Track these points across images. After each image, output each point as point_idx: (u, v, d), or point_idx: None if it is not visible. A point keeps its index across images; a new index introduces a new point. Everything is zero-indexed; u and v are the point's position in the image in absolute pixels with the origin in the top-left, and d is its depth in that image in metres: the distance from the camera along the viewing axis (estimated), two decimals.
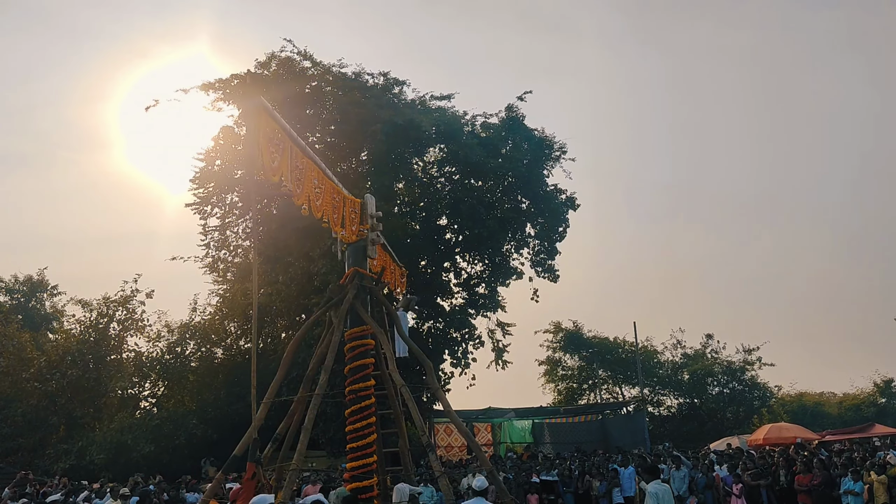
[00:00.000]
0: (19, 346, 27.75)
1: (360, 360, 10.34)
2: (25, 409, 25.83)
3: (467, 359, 28.09)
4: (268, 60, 26.76)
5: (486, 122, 28.54)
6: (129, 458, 24.15)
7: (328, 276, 21.92)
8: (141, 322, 30.11)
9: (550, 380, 41.19)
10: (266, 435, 11.03)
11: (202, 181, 27.17)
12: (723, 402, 37.57)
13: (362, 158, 27.75)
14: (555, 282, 28.77)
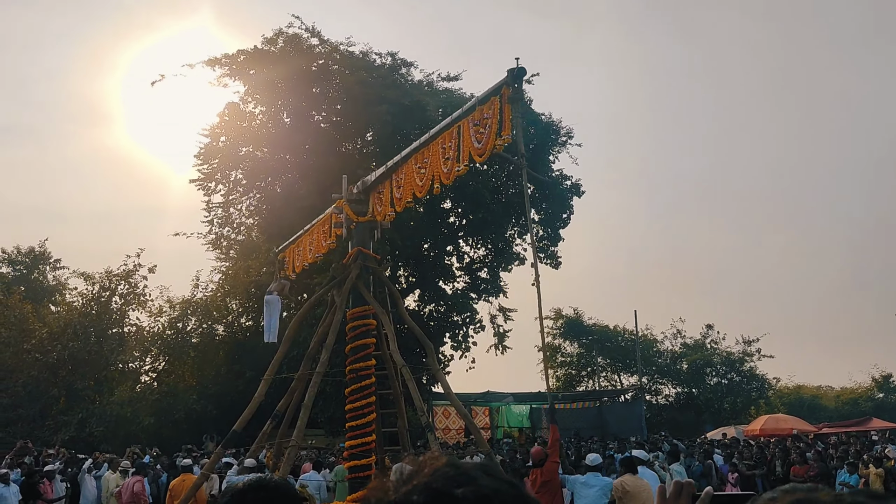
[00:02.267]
0: (21, 317, 27.81)
1: (362, 340, 10.34)
2: (26, 380, 25.95)
3: (468, 342, 28.20)
4: (275, 37, 26.61)
5: None
6: (129, 430, 24.31)
7: (331, 256, 21.91)
8: (143, 297, 30.20)
9: (549, 366, 41.34)
10: (267, 412, 11.09)
11: (207, 157, 27.11)
12: (721, 392, 37.73)
13: (368, 139, 27.67)
14: (557, 268, 28.81)
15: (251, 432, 12.16)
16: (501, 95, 7.48)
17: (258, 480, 1.89)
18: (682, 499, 1.33)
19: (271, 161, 26.99)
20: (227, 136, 27.16)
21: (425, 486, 0.84)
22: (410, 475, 0.87)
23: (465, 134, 8.01)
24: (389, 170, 9.99)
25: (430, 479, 0.85)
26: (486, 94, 7.83)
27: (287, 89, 26.28)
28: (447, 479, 0.84)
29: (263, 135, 27.12)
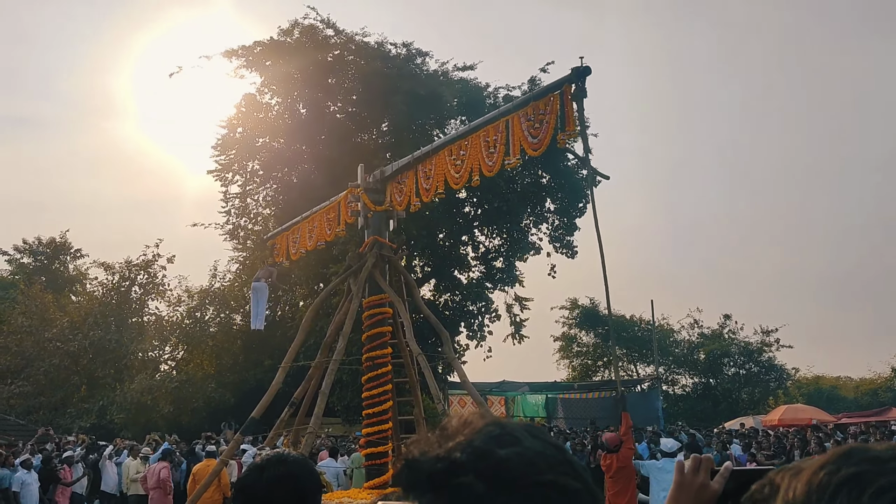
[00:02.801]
0: (42, 306, 28.18)
1: (378, 328, 10.40)
2: (48, 368, 26.31)
3: (483, 332, 28.25)
4: (290, 28, 26.66)
5: (508, 95, 28.32)
6: (149, 418, 24.61)
7: (347, 246, 22.02)
8: (162, 286, 30.52)
9: (565, 356, 41.33)
10: (284, 400, 11.20)
11: (224, 148, 27.30)
12: (738, 382, 37.53)
13: (383, 129, 27.71)
14: (573, 258, 28.73)
15: (269, 420, 12.29)
16: (563, 92, 7.62)
17: (277, 455, 1.93)
18: (700, 473, 1.34)
19: (287, 152, 27.11)
20: (243, 127, 27.33)
21: (468, 444, 0.83)
22: (454, 431, 0.86)
23: (515, 128, 8.10)
24: (416, 160, 10.06)
25: (474, 437, 0.84)
26: (542, 90, 8.05)
27: (303, 80, 26.36)
28: (491, 439, 0.83)
29: (280, 126, 27.24)
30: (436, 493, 0.81)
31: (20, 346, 26.92)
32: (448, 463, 0.82)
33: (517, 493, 0.79)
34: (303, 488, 1.84)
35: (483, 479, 0.79)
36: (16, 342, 27.06)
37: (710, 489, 1.33)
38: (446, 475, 0.81)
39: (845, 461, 0.72)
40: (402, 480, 0.86)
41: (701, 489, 1.33)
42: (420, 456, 0.86)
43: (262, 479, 1.82)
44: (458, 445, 0.83)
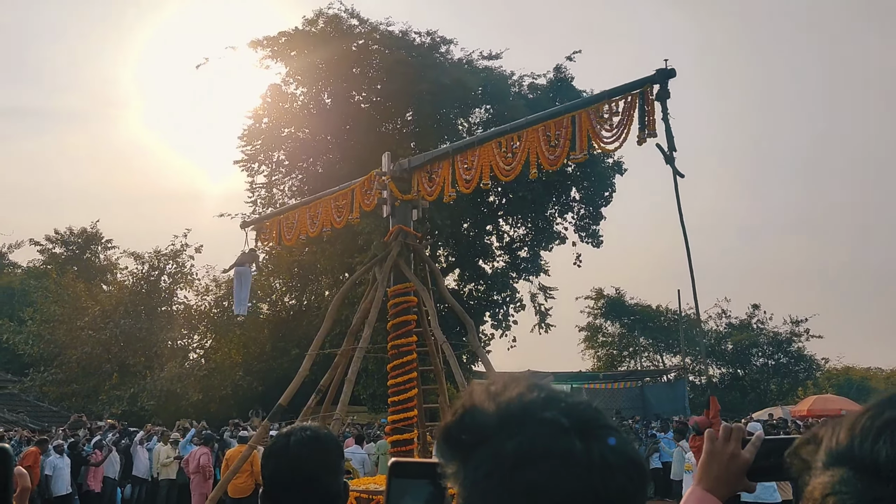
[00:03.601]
0: (74, 295, 28.63)
1: (403, 317, 10.44)
2: (80, 356, 26.74)
3: (508, 321, 28.24)
4: (315, 18, 26.75)
5: (533, 83, 28.20)
6: (178, 405, 24.97)
7: (372, 235, 22.12)
8: (190, 276, 30.85)
9: (590, 346, 41.19)
10: (311, 387, 11.31)
11: (250, 139, 27.50)
12: (767, 373, 37.14)
13: (407, 118, 27.72)
14: (598, 247, 28.57)
15: (295, 407, 12.41)
16: (644, 92, 7.86)
17: (300, 425, 2.04)
18: (731, 443, 1.35)
19: (313, 142, 27.24)
20: (269, 117, 27.49)
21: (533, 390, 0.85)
22: (505, 386, 0.86)
23: (583, 123, 8.29)
24: (455, 149, 10.10)
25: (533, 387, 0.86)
26: (617, 88, 8.15)
27: (327, 70, 26.43)
28: (551, 390, 0.86)
29: (305, 116, 27.37)
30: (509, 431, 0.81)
31: (53, 334, 27.40)
32: (522, 404, 0.83)
33: (594, 432, 0.81)
34: (327, 449, 1.96)
35: (565, 416, 0.81)
36: (49, 330, 27.54)
37: (742, 458, 1.34)
38: (524, 413, 0.82)
39: (888, 405, 0.74)
40: (455, 430, 0.85)
41: (732, 458, 1.34)
42: (478, 404, 0.85)
43: (289, 443, 1.95)
44: (524, 392, 0.84)
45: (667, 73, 7.77)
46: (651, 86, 7.82)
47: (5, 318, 30.68)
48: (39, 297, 29.52)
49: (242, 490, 12.15)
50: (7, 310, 32.67)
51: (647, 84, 7.85)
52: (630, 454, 0.83)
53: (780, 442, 1.38)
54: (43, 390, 26.58)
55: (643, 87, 7.88)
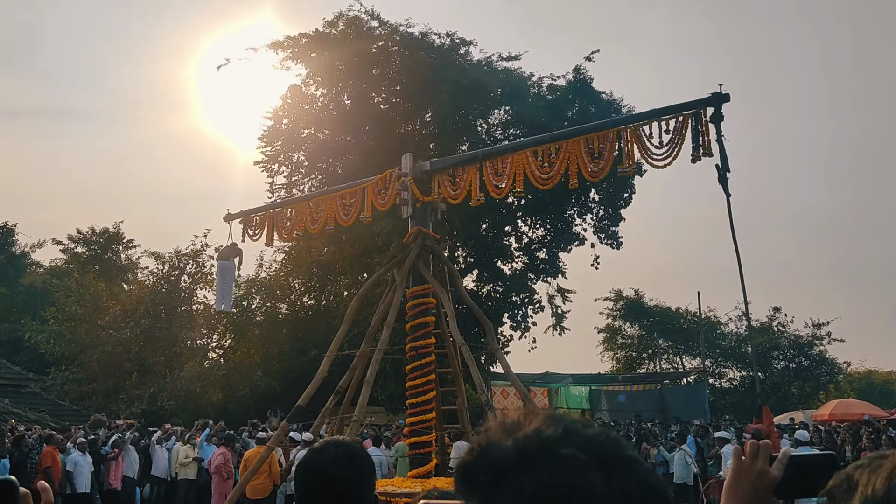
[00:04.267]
0: (96, 294, 28.85)
1: (421, 318, 10.43)
2: (100, 356, 26.95)
3: (526, 322, 28.16)
4: (335, 20, 26.83)
5: (552, 84, 28.10)
6: (198, 405, 25.09)
7: (390, 236, 22.15)
8: (210, 276, 31.01)
9: (609, 348, 40.95)
10: (329, 388, 11.32)
11: (270, 139, 27.62)
12: (788, 376, 36.76)
13: (427, 119, 27.73)
14: (618, 249, 28.42)
15: (314, 408, 12.43)
16: (698, 113, 8.36)
17: (334, 439, 2.05)
18: (759, 459, 1.32)
19: (332, 143, 27.32)
20: (289, 118, 27.61)
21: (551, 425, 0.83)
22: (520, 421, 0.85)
23: (631, 139, 8.77)
24: (485, 154, 10.32)
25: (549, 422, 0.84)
26: (669, 107, 8.64)
27: (347, 71, 26.51)
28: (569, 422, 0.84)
29: (325, 117, 27.46)
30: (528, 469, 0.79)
31: (74, 333, 27.64)
32: (540, 440, 0.81)
33: (614, 465, 0.80)
34: (360, 468, 1.98)
35: (583, 451, 0.79)
36: (70, 330, 27.79)
37: (770, 475, 1.31)
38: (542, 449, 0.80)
39: None
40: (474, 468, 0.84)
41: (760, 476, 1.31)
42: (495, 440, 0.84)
43: (322, 460, 1.95)
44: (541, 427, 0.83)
45: (721, 97, 8.18)
46: (705, 108, 8.32)
47: (27, 317, 31.04)
48: (61, 297, 29.79)
49: (261, 491, 12.19)
50: (29, 309, 33.06)
51: (702, 106, 8.34)
52: (652, 483, 0.81)
53: (807, 459, 1.37)
54: (64, 389, 26.82)
55: (697, 108, 8.38)
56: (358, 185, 11.73)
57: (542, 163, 9.44)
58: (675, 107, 8.60)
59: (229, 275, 13.49)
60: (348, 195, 11.69)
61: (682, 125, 8.44)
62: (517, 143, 10.44)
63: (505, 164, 9.76)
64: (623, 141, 8.83)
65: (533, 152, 9.58)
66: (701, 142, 8.31)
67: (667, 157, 8.56)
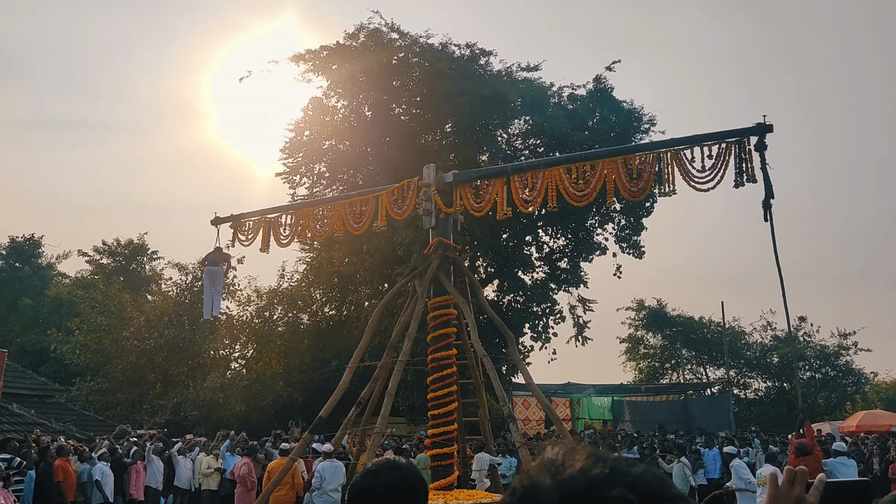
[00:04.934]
0: (120, 305, 29.19)
1: (443, 329, 10.42)
2: (125, 366, 27.23)
3: (548, 333, 28.02)
4: (356, 32, 27.00)
5: (573, 94, 28.06)
6: (221, 415, 25.23)
7: (411, 247, 22.18)
8: (232, 286, 31.26)
9: (632, 358, 40.66)
10: (350, 399, 11.33)
11: (292, 151, 27.82)
12: (814, 387, 36.26)
13: (447, 130, 27.79)
14: (640, 258, 28.21)
15: (336, 419, 12.46)
16: (742, 141, 8.72)
17: (390, 461, 2.01)
18: (796, 486, 1.30)
19: (353, 154, 27.45)
20: (310, 130, 27.79)
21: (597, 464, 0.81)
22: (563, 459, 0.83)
23: (672, 162, 9.15)
24: (514, 169, 10.47)
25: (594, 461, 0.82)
26: (712, 134, 9.01)
27: (368, 83, 26.66)
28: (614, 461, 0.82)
29: (345, 128, 27.61)
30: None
31: (99, 344, 27.95)
32: (586, 481, 0.79)
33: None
34: (415, 493, 1.94)
35: (631, 492, 0.77)
36: (95, 340, 28.11)
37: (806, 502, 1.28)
38: (589, 491, 0.78)
39: None
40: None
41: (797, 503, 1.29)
42: (538, 481, 0.81)
43: (377, 484, 1.91)
44: (587, 466, 0.81)
45: (765, 128, 8.61)
46: (748, 136, 8.72)
47: (53, 328, 31.44)
48: (86, 308, 30.16)
49: (284, 502, 12.19)
50: (55, 320, 33.47)
51: (746, 135, 8.75)
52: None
53: (842, 485, 1.34)
54: (89, 399, 27.12)
55: (740, 136, 8.77)
56: (371, 194, 11.69)
57: (577, 180, 9.63)
58: (717, 133, 8.94)
59: (217, 281, 13.02)
60: (359, 203, 11.62)
61: (725, 151, 8.78)
62: (549, 159, 10.84)
63: (536, 179, 9.88)
64: (663, 163, 9.16)
65: (566, 169, 9.75)
66: (744, 168, 8.63)
67: (709, 180, 8.87)
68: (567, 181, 9.64)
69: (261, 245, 12.41)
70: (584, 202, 9.87)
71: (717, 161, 8.83)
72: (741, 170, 8.68)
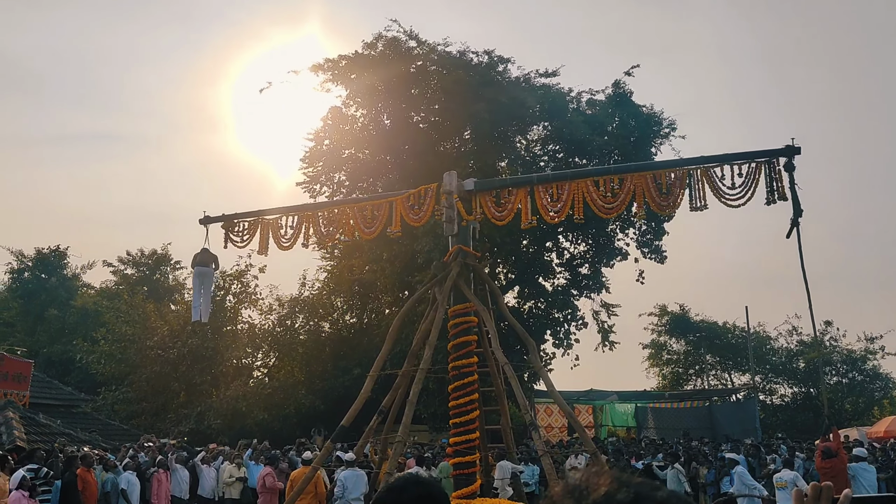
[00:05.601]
0: (144, 315, 29.45)
1: (464, 337, 10.39)
2: (149, 375, 27.44)
3: (569, 339, 27.87)
4: (374, 41, 27.12)
5: (591, 99, 27.96)
6: (244, 424, 25.34)
7: (431, 254, 22.17)
8: (254, 295, 31.47)
9: (655, 364, 40.31)
10: (372, 408, 11.33)
11: (311, 160, 27.97)
12: (841, 392, 35.73)
13: (465, 137, 27.81)
14: (662, 263, 27.98)
15: (358, 427, 12.46)
16: (772, 161, 9.22)
17: (414, 476, 1.98)
18: (822, 501, 1.27)
19: (372, 162, 27.55)
20: (330, 139, 27.94)
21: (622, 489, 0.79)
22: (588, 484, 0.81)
23: (702, 178, 9.58)
24: (540, 179, 10.71)
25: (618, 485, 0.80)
26: (742, 154, 9.47)
27: (387, 92, 26.76)
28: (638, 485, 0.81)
29: (365, 137, 27.72)
30: None
31: (124, 353, 28.21)
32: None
33: None
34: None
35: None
36: (120, 350, 28.37)
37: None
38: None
39: None
40: None
41: None
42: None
43: (402, 500, 1.88)
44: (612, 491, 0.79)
45: (793, 150, 9.13)
46: (778, 157, 9.23)
47: (80, 338, 31.79)
48: (111, 318, 30.46)
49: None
50: (81, 330, 33.83)
51: (775, 156, 9.25)
52: None
53: (870, 500, 1.31)
54: (114, 409, 27.36)
55: (770, 157, 9.27)
56: (384, 198, 11.60)
57: (605, 193, 9.87)
58: (747, 154, 9.41)
59: (207, 282, 12.61)
60: (370, 207, 11.45)
61: (755, 170, 9.27)
62: (577, 171, 11.24)
63: (561, 190, 10.04)
64: (693, 179, 9.58)
65: (594, 181, 9.97)
66: (775, 187, 9.12)
67: (740, 197, 9.32)
68: (595, 193, 9.87)
69: (259, 247, 12.00)
70: (612, 214, 10.19)
71: (748, 179, 9.28)
72: (772, 188, 9.13)
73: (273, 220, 12.00)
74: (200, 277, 12.34)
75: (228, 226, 12.20)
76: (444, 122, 27.50)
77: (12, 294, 40.00)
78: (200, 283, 12.40)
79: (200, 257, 12.25)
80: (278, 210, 12.14)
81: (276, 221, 11.97)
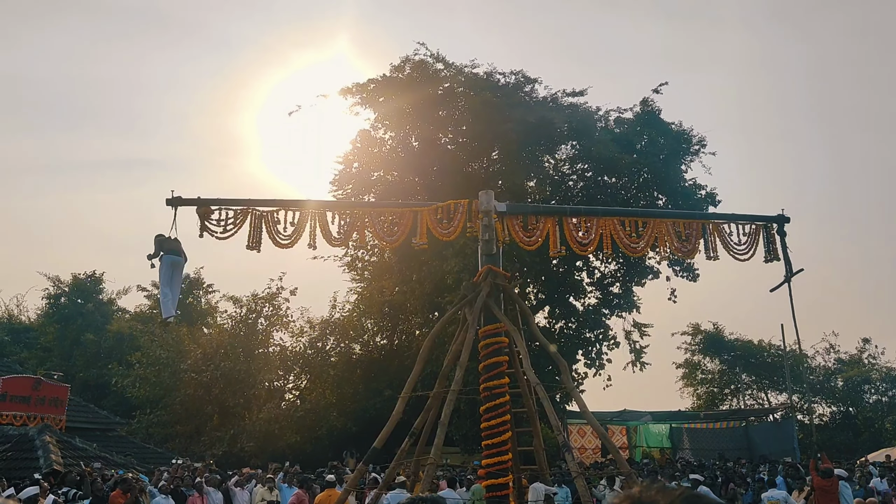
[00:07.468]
0: (178, 339, 29.77)
1: (495, 358, 10.35)
2: (183, 398, 27.67)
3: (601, 359, 27.60)
4: (402, 64, 27.40)
5: (619, 117, 27.90)
6: (276, 446, 25.42)
7: (461, 275, 22.16)
8: (286, 318, 31.68)
9: (689, 383, 39.69)
10: (404, 429, 11.30)
11: (341, 183, 28.18)
12: (881, 410, 34.86)
13: (493, 157, 27.88)
14: (694, 281, 27.66)
15: (390, 449, 12.42)
16: (768, 226, 11.08)
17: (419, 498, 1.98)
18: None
19: (401, 184, 27.70)
20: (359, 162, 28.16)
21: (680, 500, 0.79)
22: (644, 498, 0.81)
23: (713, 232, 11.03)
24: (572, 211, 11.52)
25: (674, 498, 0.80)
26: (745, 216, 11.29)
27: (414, 114, 26.96)
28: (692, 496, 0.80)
29: (393, 159, 27.91)
30: None
31: (158, 377, 28.50)
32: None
33: None
34: None
35: None
36: (154, 373, 28.67)
37: None
38: None
39: None
40: None
41: None
42: None
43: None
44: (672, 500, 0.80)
45: (784, 219, 11.02)
46: (772, 223, 11.07)
47: (115, 362, 32.21)
48: (145, 342, 30.83)
49: None
50: (116, 354, 34.27)
51: (769, 222, 11.08)
52: None
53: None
54: (149, 432, 27.61)
55: (765, 223, 11.10)
56: (407, 207, 11.25)
57: (631, 233, 10.79)
58: (747, 216, 11.21)
59: (178, 272, 10.95)
60: (388, 213, 11.00)
61: (755, 231, 10.99)
62: (606, 209, 12.85)
63: (590, 224, 10.75)
64: (707, 232, 10.94)
65: (620, 221, 10.84)
66: (771, 248, 10.94)
67: (746, 252, 10.96)
68: (622, 232, 10.70)
69: (249, 241, 10.39)
70: (637, 254, 11.27)
71: (750, 238, 10.98)
72: (769, 248, 10.96)
73: (268, 214, 10.49)
74: (172, 267, 10.65)
75: (205, 212, 10.48)
76: (472, 142, 27.60)
77: (49, 319, 40.65)
78: (171, 273, 10.70)
79: (170, 244, 10.54)
80: (274, 202, 10.72)
81: (271, 215, 10.50)
